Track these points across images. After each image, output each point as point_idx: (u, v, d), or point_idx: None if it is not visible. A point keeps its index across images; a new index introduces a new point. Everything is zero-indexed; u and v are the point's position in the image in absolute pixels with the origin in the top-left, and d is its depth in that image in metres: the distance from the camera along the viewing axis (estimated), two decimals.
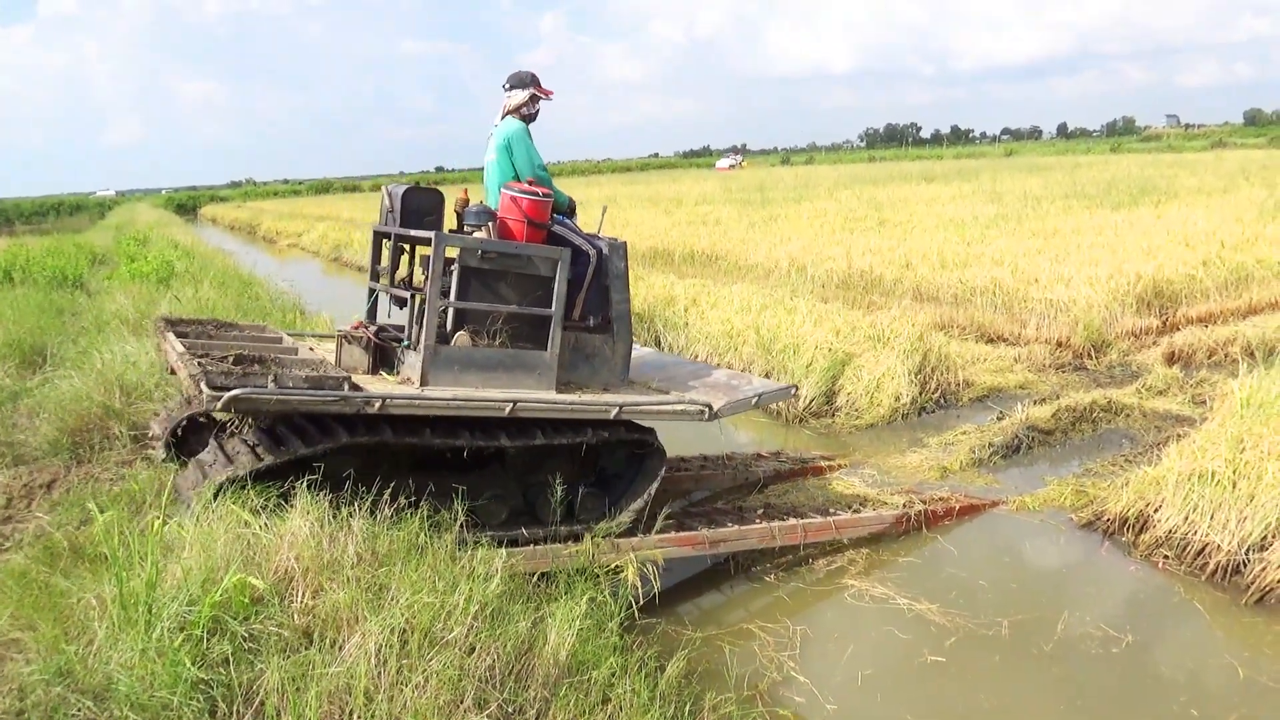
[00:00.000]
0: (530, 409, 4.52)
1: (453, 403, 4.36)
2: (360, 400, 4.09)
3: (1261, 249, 12.27)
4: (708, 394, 5.30)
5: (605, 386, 5.16)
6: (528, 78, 5.22)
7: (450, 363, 4.57)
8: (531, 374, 4.75)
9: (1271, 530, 4.83)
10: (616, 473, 5.20)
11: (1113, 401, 7.88)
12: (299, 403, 3.98)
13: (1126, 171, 29.16)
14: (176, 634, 2.99)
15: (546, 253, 4.80)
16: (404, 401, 4.24)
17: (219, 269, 15.67)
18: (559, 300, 4.79)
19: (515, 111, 5.22)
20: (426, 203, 5.02)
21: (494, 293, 4.74)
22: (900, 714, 3.95)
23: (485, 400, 4.44)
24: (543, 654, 3.36)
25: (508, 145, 5.14)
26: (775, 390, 5.69)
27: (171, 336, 4.89)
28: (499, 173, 5.17)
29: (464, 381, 4.59)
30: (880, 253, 13.59)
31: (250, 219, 47.09)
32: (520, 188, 4.91)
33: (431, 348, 4.53)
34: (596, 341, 5.19)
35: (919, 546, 5.63)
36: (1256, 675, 4.08)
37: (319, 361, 4.73)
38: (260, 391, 3.86)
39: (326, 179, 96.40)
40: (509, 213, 4.89)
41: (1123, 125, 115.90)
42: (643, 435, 5.05)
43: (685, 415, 4.99)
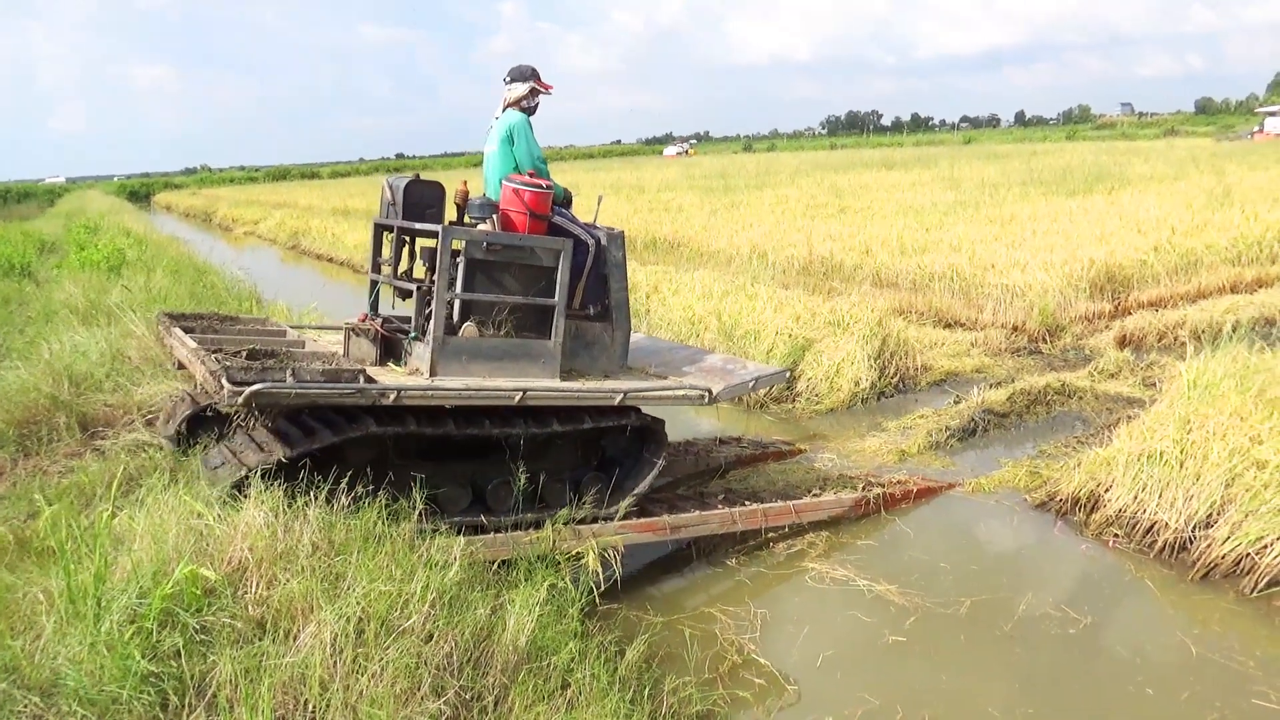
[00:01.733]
0: (538, 397, 4.62)
1: (464, 392, 4.46)
2: (376, 392, 4.16)
3: (1210, 235, 12.55)
4: (705, 378, 5.42)
5: (606, 373, 5.27)
6: (528, 71, 5.29)
7: (458, 353, 4.67)
8: (536, 362, 4.86)
9: (1216, 508, 4.95)
10: (618, 457, 5.30)
11: (1066, 384, 8.02)
12: (317, 396, 4.05)
13: (1081, 159, 29.60)
14: (126, 627, 2.94)
15: (549, 244, 4.89)
16: (418, 392, 4.32)
17: (172, 257, 15.35)
18: (562, 290, 4.87)
19: (516, 104, 5.30)
20: (428, 195, 5.05)
21: (498, 284, 4.84)
22: (860, 694, 4.00)
23: (495, 389, 4.53)
24: (502, 640, 3.35)
25: (510, 136, 5.21)
26: (771, 374, 5.84)
27: (179, 332, 4.89)
28: (500, 164, 5.24)
29: (471, 371, 4.69)
30: (840, 239, 13.69)
31: (205, 206, 46.27)
32: (522, 180, 4.97)
33: (440, 339, 4.62)
34: (596, 329, 5.29)
35: (878, 529, 5.70)
36: (1208, 653, 4.18)
37: (331, 354, 4.80)
38: (280, 386, 3.92)
39: (284, 166, 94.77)
40: (511, 205, 4.96)
41: (1078, 114, 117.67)
42: (647, 420, 5.13)
43: (686, 400, 5.13)
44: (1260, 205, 14.80)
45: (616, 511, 4.96)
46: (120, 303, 8.71)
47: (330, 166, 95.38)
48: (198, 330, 5.11)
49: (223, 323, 5.50)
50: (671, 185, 29.07)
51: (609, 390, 4.88)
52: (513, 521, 4.70)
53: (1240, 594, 4.63)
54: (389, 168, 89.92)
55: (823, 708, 3.89)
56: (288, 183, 69.94)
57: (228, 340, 4.86)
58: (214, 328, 5.27)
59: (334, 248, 22.33)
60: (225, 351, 4.32)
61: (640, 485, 5.12)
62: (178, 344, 4.79)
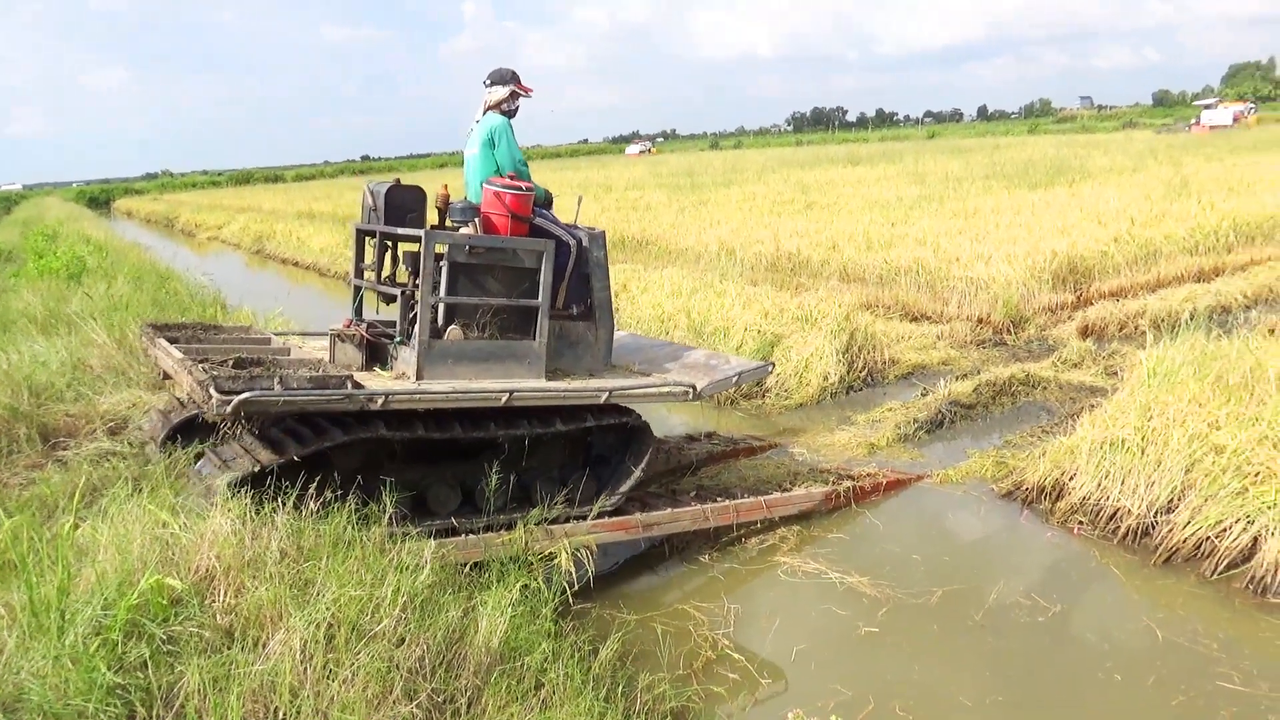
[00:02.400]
0: (525, 398, 4.67)
1: (452, 395, 4.50)
2: (364, 397, 4.19)
3: (1168, 225, 12.77)
4: (690, 374, 5.48)
5: (590, 372, 5.32)
6: (508, 74, 5.33)
7: (444, 356, 4.70)
8: (522, 363, 4.90)
9: (1177, 493, 5.05)
10: (606, 455, 5.35)
11: (1031, 375, 8.14)
12: (305, 402, 4.08)
13: (1043, 152, 29.99)
14: (91, 639, 2.90)
15: (531, 245, 4.93)
16: (405, 396, 4.35)
17: (134, 264, 15.14)
18: (545, 290, 4.92)
19: (496, 107, 5.33)
20: (409, 199, 5.09)
21: (481, 286, 4.87)
22: (833, 685, 4.03)
23: (482, 391, 4.57)
24: (474, 642, 3.34)
25: (491, 139, 5.24)
26: (754, 368, 5.86)
27: (164, 342, 4.89)
28: (482, 166, 5.26)
29: (458, 374, 4.72)
30: (807, 235, 13.77)
31: (168, 212, 45.63)
32: (503, 183, 4.99)
33: (426, 342, 4.65)
34: (580, 329, 5.33)
35: (848, 522, 5.75)
36: (1173, 636, 4.26)
37: (317, 361, 4.81)
38: (268, 394, 3.95)
39: (247, 169, 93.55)
40: (493, 207, 4.98)
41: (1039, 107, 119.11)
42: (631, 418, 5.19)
43: (671, 396, 5.20)
44: (1216, 195, 15.11)
45: (607, 506, 5.04)
46: (81, 311, 8.57)
47: (294, 169, 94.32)
48: (182, 340, 5.11)
49: (206, 332, 5.51)
50: (639, 184, 29.07)
51: (595, 389, 4.93)
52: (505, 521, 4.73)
53: (1201, 577, 4.73)
54: (354, 170, 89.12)
55: (796, 700, 3.92)
56: (251, 187, 69.09)
57: (213, 349, 4.87)
58: (198, 337, 5.29)
59: (299, 252, 22.11)
60: (212, 361, 4.34)
61: (627, 482, 5.16)
62: (163, 354, 4.78)
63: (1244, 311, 10.19)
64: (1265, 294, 10.94)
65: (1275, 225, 13.17)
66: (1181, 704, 3.79)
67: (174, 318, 8.95)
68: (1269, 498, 4.67)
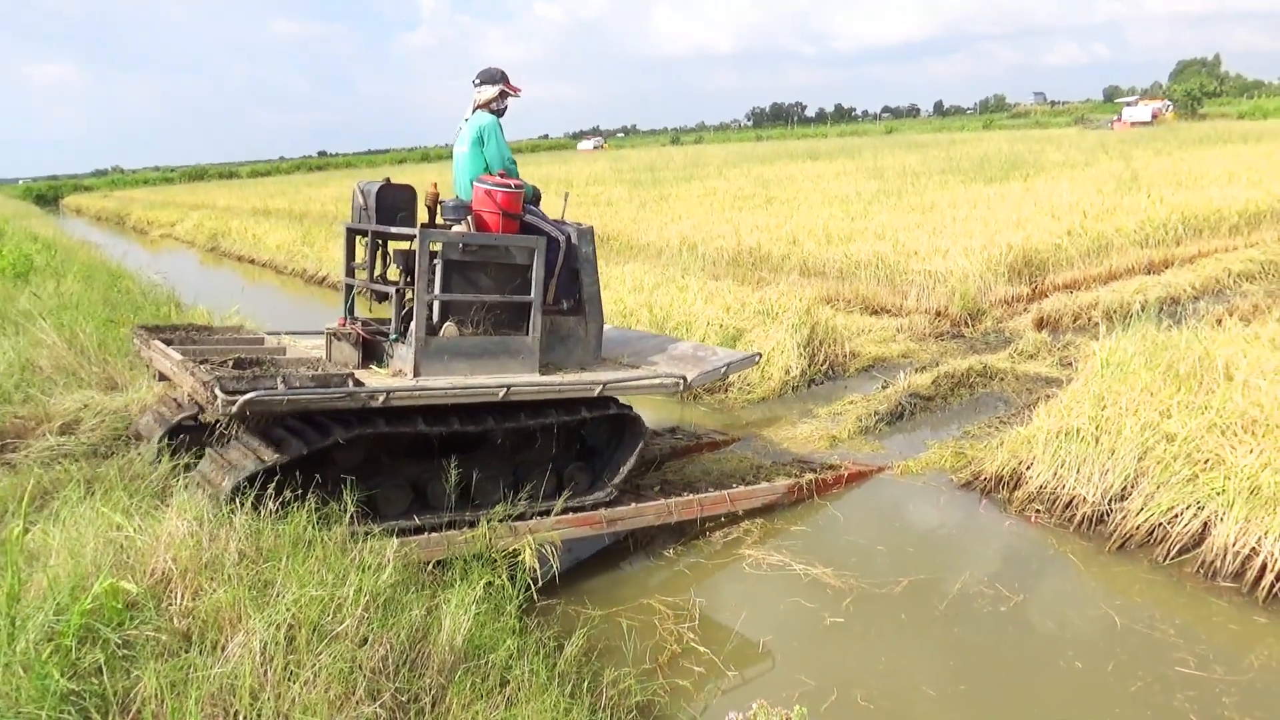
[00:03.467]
0: (521, 392, 4.78)
1: (450, 391, 4.60)
2: (365, 394, 4.28)
3: (1119, 218, 13.04)
4: (679, 366, 5.58)
5: (581, 365, 5.40)
6: (497, 74, 5.39)
7: (440, 353, 4.78)
8: (516, 358, 4.99)
9: (1130, 481, 5.17)
10: (598, 446, 5.46)
11: (988, 367, 8.26)
12: (308, 401, 4.14)
13: (998, 147, 30.45)
14: (44, 645, 2.83)
15: (523, 242, 5.00)
16: (405, 393, 4.44)
17: (84, 262, 14.79)
18: (537, 286, 5.00)
19: (485, 106, 5.39)
20: (399, 198, 5.14)
21: (474, 283, 4.93)
22: (797, 676, 4.06)
23: (480, 386, 4.68)
24: (438, 641, 3.32)
25: (480, 138, 5.30)
26: (741, 359, 5.98)
27: (159, 344, 4.92)
28: (471, 164, 5.32)
29: (453, 370, 4.80)
30: (768, 230, 13.85)
31: (119, 209, 44.65)
32: (494, 181, 5.03)
33: (422, 339, 4.72)
34: (570, 323, 5.40)
35: (811, 514, 5.80)
36: (1131, 623, 4.34)
37: (314, 360, 4.86)
38: (272, 393, 4.00)
39: (201, 166, 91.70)
40: (484, 205, 5.02)
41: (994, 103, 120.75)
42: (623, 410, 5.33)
43: (662, 388, 5.32)
44: (1165, 189, 15.45)
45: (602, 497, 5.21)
46: (29, 310, 8.35)
47: (249, 166, 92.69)
48: (176, 341, 5.12)
49: (199, 332, 5.53)
50: (600, 179, 29.02)
51: (588, 382, 5.04)
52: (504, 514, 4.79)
53: (1154, 562, 4.84)
54: (311, 166, 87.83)
55: (762, 691, 3.92)
56: (205, 183, 67.84)
57: (209, 350, 4.89)
58: (192, 338, 5.29)
59: (255, 249, 21.78)
60: (212, 362, 4.38)
61: (620, 472, 5.28)
62: (159, 355, 4.80)
63: (1192, 302, 10.44)
64: (1212, 285, 11.22)
65: (1221, 218, 13.49)
66: (1140, 689, 3.86)
67: (126, 317, 8.76)
68: (1218, 484, 4.79)
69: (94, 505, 3.70)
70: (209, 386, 3.93)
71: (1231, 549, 4.58)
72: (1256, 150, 22.79)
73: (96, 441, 5.48)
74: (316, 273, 17.33)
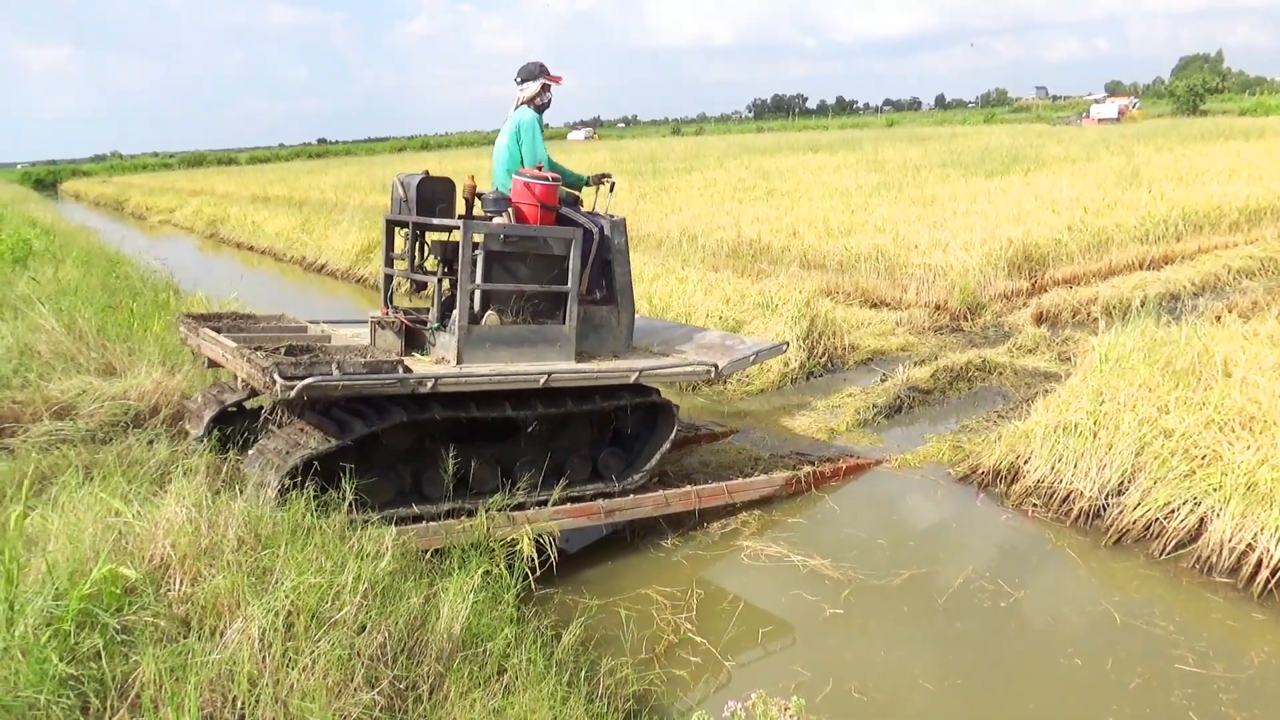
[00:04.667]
0: (562, 379, 4.93)
1: (494, 378, 4.76)
2: (414, 380, 4.44)
3: (1120, 214, 13.01)
4: (709, 354, 5.71)
5: (614, 354, 5.54)
6: (536, 69, 5.53)
7: (482, 341, 4.95)
8: (553, 346, 5.15)
9: (1127, 476, 5.18)
10: (633, 433, 5.59)
11: (987, 361, 8.27)
12: (361, 386, 4.31)
13: (999, 141, 30.39)
14: (43, 630, 2.84)
15: (561, 233, 5.16)
16: (453, 379, 4.63)
17: (83, 247, 14.76)
18: (574, 276, 5.15)
19: (530, 102, 5.55)
20: (439, 191, 5.31)
21: (513, 274, 5.10)
22: (794, 667, 4.08)
23: (522, 373, 4.84)
24: (436, 629, 3.33)
25: (518, 134, 5.47)
26: (769, 348, 6.09)
27: (209, 331, 5.09)
28: (508, 158, 5.52)
29: (494, 357, 4.97)
30: (768, 221, 13.82)
31: (117, 194, 44.52)
32: (531, 174, 5.22)
33: (465, 328, 4.89)
34: (603, 313, 5.55)
35: (809, 506, 5.81)
36: (1131, 620, 4.34)
37: (359, 347, 5.00)
38: (328, 379, 4.17)
39: (200, 152, 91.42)
40: (522, 197, 5.21)
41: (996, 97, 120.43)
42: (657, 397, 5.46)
43: (694, 376, 5.50)
44: (1166, 184, 15.43)
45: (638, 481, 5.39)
46: (27, 295, 8.34)
47: (249, 152, 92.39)
48: (223, 329, 5.23)
49: (243, 320, 5.66)
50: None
51: (625, 369, 5.18)
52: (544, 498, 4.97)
53: (1150, 557, 4.85)
54: (310, 153, 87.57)
55: (758, 682, 3.94)
56: (204, 169, 67.61)
57: (257, 338, 5.02)
58: (238, 326, 5.42)
59: (254, 236, 21.74)
60: (265, 349, 4.51)
61: (653, 459, 5.44)
62: (209, 342, 4.98)
63: (1192, 298, 10.45)
64: (1213, 281, 11.22)
65: (1222, 215, 13.47)
66: (1139, 686, 3.86)
67: (125, 303, 8.75)
68: (1215, 480, 4.80)
69: (93, 491, 3.70)
70: (268, 372, 4.09)
71: (1227, 544, 4.60)
72: (1258, 147, 22.74)
73: (95, 427, 5.49)
74: (315, 260, 17.31)
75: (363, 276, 15.29)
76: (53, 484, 4.15)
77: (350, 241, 16.46)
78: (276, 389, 4.05)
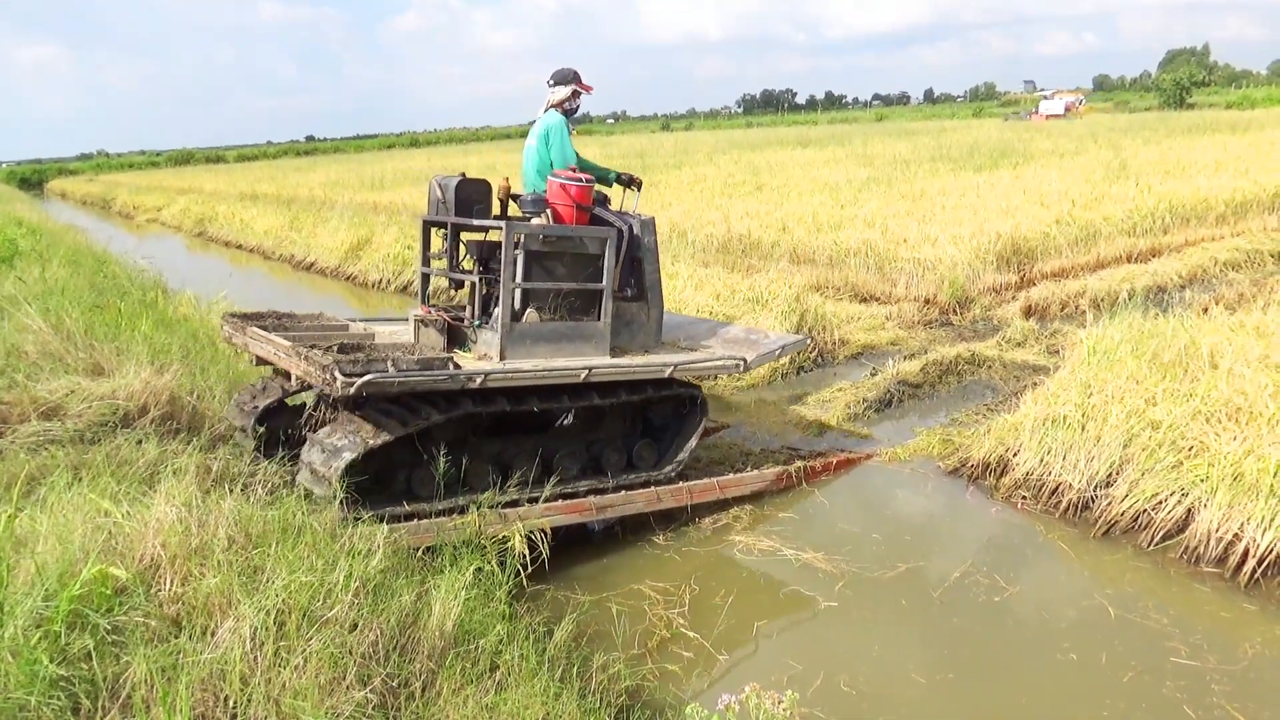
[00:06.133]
0: (602, 373, 5.12)
1: (539, 373, 4.94)
2: (464, 376, 4.63)
3: (1107, 207, 13.08)
4: (736, 349, 5.87)
5: (644, 349, 5.70)
6: (569, 75, 5.71)
7: (523, 337, 5.13)
8: (589, 342, 5.34)
9: (1115, 468, 5.21)
10: (664, 424, 5.80)
11: (976, 354, 8.30)
12: (416, 382, 4.48)
13: (987, 135, 30.47)
14: (32, 631, 2.82)
15: (596, 233, 5.34)
16: (501, 375, 4.80)
17: (70, 247, 14.68)
18: (609, 274, 5.33)
19: (559, 105, 5.70)
20: (476, 192, 5.43)
21: (550, 272, 5.28)
22: (786, 660, 4.10)
23: (565, 368, 5.03)
24: (428, 626, 3.32)
25: (546, 136, 5.63)
26: (794, 341, 6.30)
27: (257, 330, 5.25)
28: (538, 160, 5.69)
29: (535, 353, 5.15)
30: (758, 216, 13.83)
31: (104, 193, 44.27)
32: (567, 175, 5.39)
33: (508, 325, 5.07)
34: (634, 309, 5.69)
35: (800, 500, 5.83)
36: (1126, 614, 4.35)
37: (405, 345, 5.13)
38: (386, 375, 4.35)
39: (187, 150, 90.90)
40: (558, 198, 5.38)
41: (985, 91, 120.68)
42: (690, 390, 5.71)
43: (725, 369, 5.65)
44: (1153, 178, 15.50)
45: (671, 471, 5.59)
46: (14, 295, 8.29)
47: (236, 150, 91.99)
48: (267, 328, 5.37)
49: (285, 319, 5.76)
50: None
51: (660, 364, 5.38)
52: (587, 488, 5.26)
53: (1138, 548, 4.89)
54: (298, 151, 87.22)
55: (751, 676, 3.94)
56: (192, 167, 67.29)
57: (303, 335, 5.16)
58: (283, 325, 5.56)
59: (242, 234, 21.65)
60: (319, 347, 4.65)
61: (684, 449, 5.63)
62: (257, 341, 5.15)
63: (1179, 291, 10.52)
64: (1199, 274, 11.29)
65: (1208, 208, 13.55)
66: (1133, 679, 3.87)
67: (113, 303, 8.70)
68: (1202, 471, 4.83)
69: (82, 491, 3.68)
70: (329, 370, 4.25)
71: (1215, 535, 4.63)
72: (1244, 140, 22.85)
73: (83, 427, 5.45)
74: (304, 258, 17.24)
75: (352, 274, 15.25)
76: (41, 485, 4.12)
77: (339, 239, 16.41)
78: (337, 385, 4.21)
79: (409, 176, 28.15)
